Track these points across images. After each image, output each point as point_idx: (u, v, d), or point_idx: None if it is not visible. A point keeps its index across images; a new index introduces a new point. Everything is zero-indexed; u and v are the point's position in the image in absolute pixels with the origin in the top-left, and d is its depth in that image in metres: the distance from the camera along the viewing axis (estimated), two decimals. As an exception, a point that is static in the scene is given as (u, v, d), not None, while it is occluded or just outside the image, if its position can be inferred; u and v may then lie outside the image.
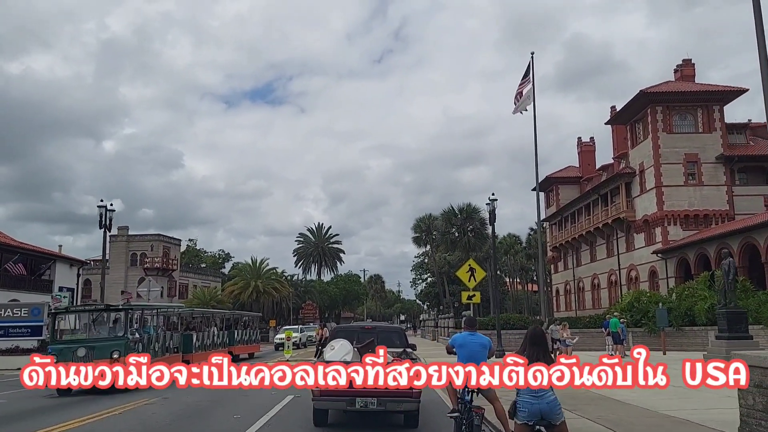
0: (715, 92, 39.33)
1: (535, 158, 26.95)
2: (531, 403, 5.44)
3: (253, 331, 32.48)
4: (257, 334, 33.54)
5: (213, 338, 24.49)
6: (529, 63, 29.25)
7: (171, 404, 12.63)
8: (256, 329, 33.93)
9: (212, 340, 24.26)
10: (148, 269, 61.03)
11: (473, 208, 51.08)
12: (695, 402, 11.24)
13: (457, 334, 8.49)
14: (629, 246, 42.63)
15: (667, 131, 38.72)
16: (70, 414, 11.48)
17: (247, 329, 31.15)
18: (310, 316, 71.10)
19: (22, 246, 37.75)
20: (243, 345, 29.70)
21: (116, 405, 12.51)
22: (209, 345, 23.66)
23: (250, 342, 31.20)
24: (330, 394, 8.65)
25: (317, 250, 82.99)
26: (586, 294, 50.92)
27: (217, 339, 25.16)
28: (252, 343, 31.78)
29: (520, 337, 29.12)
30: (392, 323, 56.13)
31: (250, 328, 31.96)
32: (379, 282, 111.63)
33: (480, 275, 23.64)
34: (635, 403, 11.23)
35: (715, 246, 32.09)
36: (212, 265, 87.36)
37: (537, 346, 5.67)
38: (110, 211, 31.12)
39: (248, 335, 30.96)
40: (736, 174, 38.56)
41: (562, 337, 21.73)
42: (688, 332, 26.88)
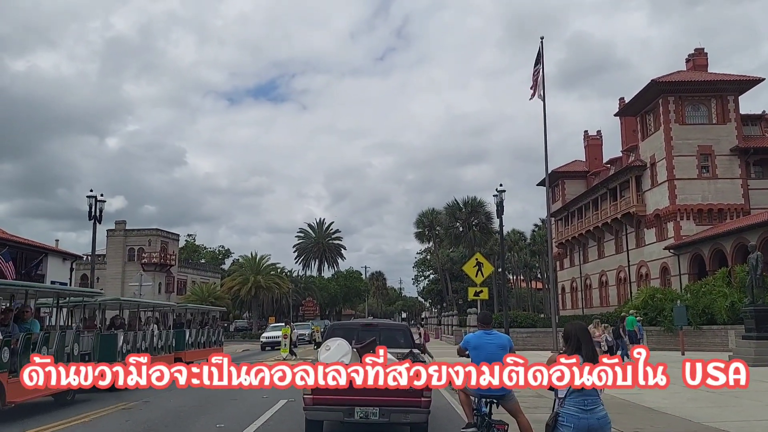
0: (730, 82, 37.89)
1: (545, 147, 25.57)
2: (578, 417, 4.36)
3: (214, 330, 25.39)
4: (219, 335, 26.23)
5: (152, 340, 17.75)
6: (539, 48, 28.05)
7: (150, 410, 11.38)
8: (218, 328, 26.89)
9: (151, 343, 17.50)
10: (145, 264, 59.88)
11: (478, 202, 49.68)
12: (737, 411, 9.98)
13: (471, 333, 7.23)
14: (639, 242, 41.29)
15: (680, 122, 37.33)
16: (34, 420, 10.24)
17: (206, 328, 24.09)
18: (311, 313, 69.89)
19: (12, 239, 36.51)
20: (198, 349, 22.27)
21: (91, 410, 11.27)
22: (146, 348, 16.85)
23: (209, 344, 23.65)
24: (325, 402, 7.39)
25: (318, 246, 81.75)
26: (594, 291, 49.62)
27: (159, 341, 18.36)
28: (212, 345, 24.17)
29: (529, 336, 27.88)
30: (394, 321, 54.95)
31: (209, 326, 25.01)
32: (380, 279, 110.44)
33: (488, 270, 22.35)
34: (670, 411, 9.96)
35: (732, 241, 30.75)
36: (211, 261, 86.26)
37: (589, 344, 4.63)
38: (101, 202, 29.94)
39: (206, 336, 23.56)
40: (751, 167, 37.18)
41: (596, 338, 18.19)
42: (707, 331, 25.58)
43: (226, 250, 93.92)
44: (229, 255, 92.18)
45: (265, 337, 38.32)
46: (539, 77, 23.49)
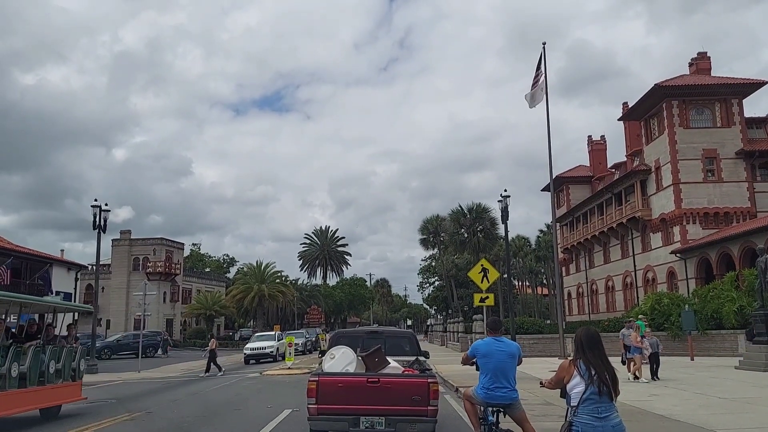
0: (734, 85, 37.63)
1: (548, 151, 25.45)
2: (593, 426, 4.23)
3: (69, 350, 12.33)
4: (77, 358, 12.61)
5: None
6: (541, 54, 27.95)
7: (153, 421, 11.23)
8: (76, 351, 12.68)
9: None
10: (150, 274, 59.78)
11: (483, 208, 49.43)
12: (751, 417, 9.76)
13: (479, 340, 7.00)
14: (645, 246, 41.00)
15: (684, 126, 37.12)
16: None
17: (46, 346, 11.44)
18: (316, 321, 69.59)
19: (17, 249, 36.54)
20: (26, 390, 10.59)
21: (93, 422, 11.13)
22: None
23: (52, 378, 11.45)
24: (329, 412, 7.21)
25: (323, 254, 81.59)
26: (600, 297, 49.25)
27: None
28: (57, 380, 11.70)
29: (535, 343, 27.56)
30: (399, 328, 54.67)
31: (55, 341, 12.22)
32: (385, 286, 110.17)
33: (493, 276, 22.22)
34: (683, 418, 9.74)
35: (739, 245, 30.44)
36: (216, 269, 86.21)
37: (596, 348, 4.48)
38: (105, 212, 29.92)
39: (44, 360, 11.20)
40: (757, 170, 36.84)
41: (641, 343, 16.02)
42: (716, 336, 25.24)
43: (230, 259, 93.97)
44: (234, 263, 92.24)
45: (250, 349, 31.81)
46: (541, 80, 23.37)
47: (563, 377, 4.55)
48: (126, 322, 59.80)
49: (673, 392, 13.36)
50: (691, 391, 13.58)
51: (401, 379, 7.55)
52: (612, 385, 4.33)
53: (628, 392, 12.25)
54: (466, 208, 50.32)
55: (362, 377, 7.39)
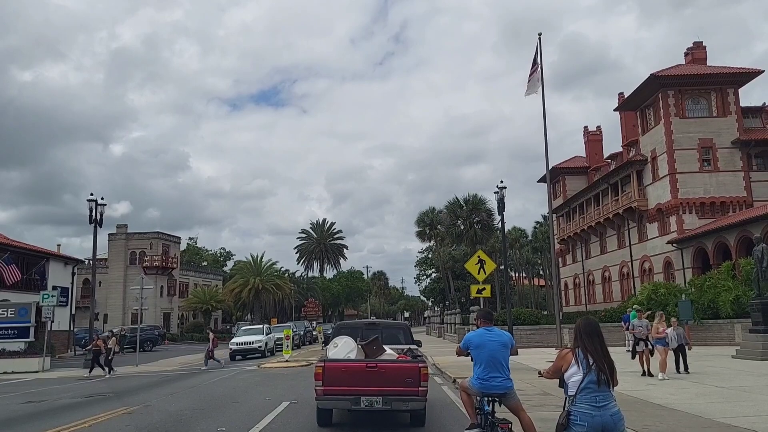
0: (729, 74, 37.61)
1: (545, 141, 25.29)
2: (591, 415, 4.21)
3: None
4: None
5: None
6: (537, 45, 27.80)
7: (151, 414, 11.20)
8: None
9: None
10: (147, 268, 59.68)
11: (479, 199, 49.20)
12: (748, 406, 9.79)
13: (471, 332, 6.98)
14: (642, 236, 41.10)
15: (680, 116, 37.12)
16: (33, 426, 10.12)
17: None
18: (313, 313, 69.66)
19: (13, 244, 36.37)
20: None
21: (92, 415, 11.12)
22: None
23: None
24: (334, 393, 8.31)
25: (320, 247, 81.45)
26: (597, 287, 49.41)
27: None
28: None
29: (532, 334, 27.59)
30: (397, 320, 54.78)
31: None
32: (382, 279, 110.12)
33: (490, 267, 22.09)
34: (680, 407, 9.77)
35: (736, 234, 30.54)
36: (213, 263, 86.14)
37: (594, 337, 4.44)
38: (101, 206, 29.82)
39: None
40: (753, 159, 36.92)
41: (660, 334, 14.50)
42: (713, 326, 25.34)
43: (227, 253, 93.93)
44: (231, 257, 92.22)
45: (236, 344, 29.83)
46: (537, 71, 23.28)
47: (561, 366, 4.52)
48: (123, 316, 59.76)
49: (670, 381, 13.40)
50: (689, 380, 13.64)
51: (396, 364, 8.51)
52: (610, 374, 4.31)
53: (625, 381, 12.30)
54: (462, 199, 50.15)
55: (362, 363, 8.38)
